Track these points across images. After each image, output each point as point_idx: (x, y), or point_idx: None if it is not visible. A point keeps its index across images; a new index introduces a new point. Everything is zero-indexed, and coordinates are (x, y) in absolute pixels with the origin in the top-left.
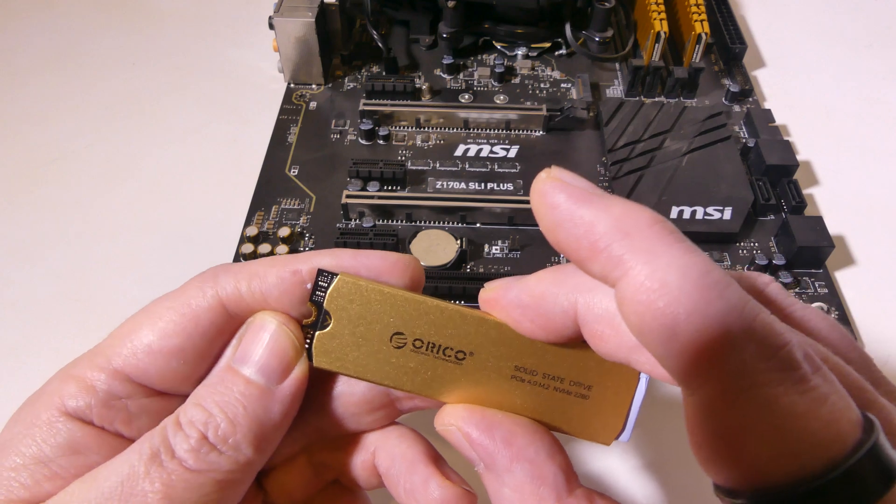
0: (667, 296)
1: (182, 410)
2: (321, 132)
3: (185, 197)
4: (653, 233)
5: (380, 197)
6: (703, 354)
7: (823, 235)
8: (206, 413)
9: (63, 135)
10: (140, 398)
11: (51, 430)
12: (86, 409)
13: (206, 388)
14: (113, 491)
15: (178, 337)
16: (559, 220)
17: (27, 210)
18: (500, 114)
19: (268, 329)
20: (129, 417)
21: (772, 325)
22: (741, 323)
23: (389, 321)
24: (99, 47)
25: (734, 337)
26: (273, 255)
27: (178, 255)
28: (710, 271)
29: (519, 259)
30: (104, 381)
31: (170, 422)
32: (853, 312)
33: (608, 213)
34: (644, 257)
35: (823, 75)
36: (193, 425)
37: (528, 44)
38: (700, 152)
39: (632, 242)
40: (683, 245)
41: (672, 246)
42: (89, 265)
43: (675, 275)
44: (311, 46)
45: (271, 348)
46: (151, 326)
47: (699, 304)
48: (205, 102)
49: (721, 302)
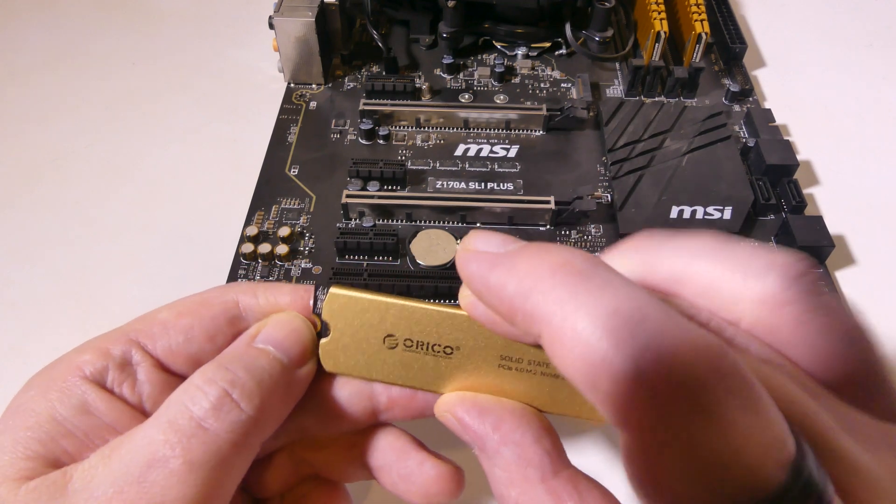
0: (579, 346)
1: (199, 373)
2: (321, 132)
3: (185, 197)
4: (557, 281)
5: (380, 197)
6: (620, 401)
7: (823, 235)
8: (230, 373)
9: (63, 135)
10: (148, 367)
11: (66, 392)
12: (102, 371)
13: (228, 357)
14: (133, 459)
15: (189, 317)
16: (477, 291)
17: (27, 210)
18: (500, 114)
19: (293, 322)
20: (135, 384)
21: (691, 363)
22: (655, 366)
23: (380, 325)
24: (99, 47)
25: (648, 381)
26: (273, 254)
27: (178, 255)
28: (618, 310)
29: None
30: (119, 348)
31: (182, 387)
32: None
33: (513, 274)
34: (551, 309)
35: (823, 75)
36: (215, 382)
37: (528, 43)
38: (700, 152)
39: (539, 298)
40: (589, 284)
41: (577, 290)
42: (89, 265)
43: (583, 322)
44: (311, 46)
45: (295, 337)
46: (170, 308)
47: (608, 350)
48: (205, 102)
49: (631, 343)
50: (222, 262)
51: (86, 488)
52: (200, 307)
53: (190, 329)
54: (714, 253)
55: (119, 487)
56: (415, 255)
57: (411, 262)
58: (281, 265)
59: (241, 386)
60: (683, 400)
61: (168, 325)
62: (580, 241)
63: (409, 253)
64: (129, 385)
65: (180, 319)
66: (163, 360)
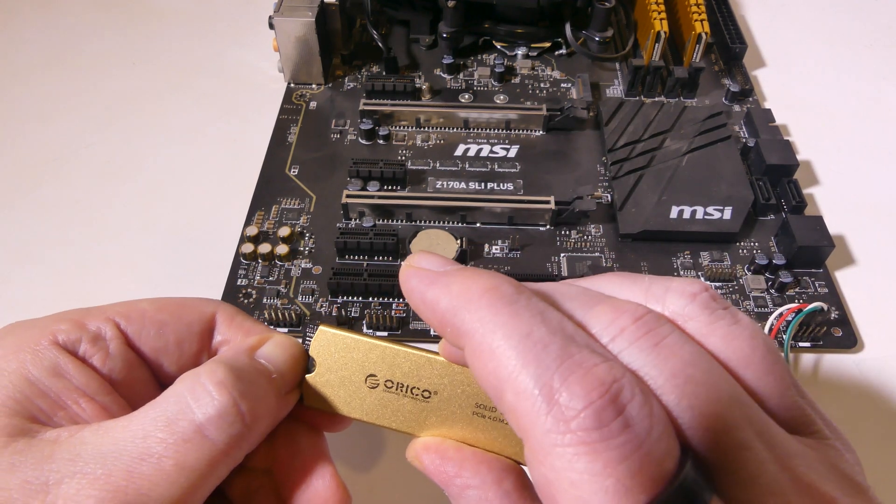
0: (492, 361)
1: (208, 372)
2: (321, 132)
3: (185, 196)
4: (483, 303)
5: (380, 197)
6: (519, 414)
7: (823, 235)
8: (242, 384)
9: (63, 135)
10: (119, 344)
11: (38, 355)
12: (75, 341)
13: (237, 363)
14: (125, 447)
15: (167, 314)
16: (415, 304)
17: (27, 210)
18: (500, 114)
19: (294, 348)
20: (106, 357)
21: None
22: (547, 390)
23: (363, 365)
24: (99, 47)
25: (537, 401)
26: (273, 254)
27: (178, 255)
28: (528, 335)
29: (519, 259)
30: (95, 323)
31: (187, 382)
32: (853, 312)
33: (447, 292)
34: (475, 326)
35: (823, 75)
36: (226, 389)
37: (528, 43)
38: (700, 152)
39: (466, 315)
40: (510, 308)
41: (499, 312)
42: (89, 265)
43: (499, 341)
44: (311, 46)
45: (293, 363)
46: (152, 301)
47: (513, 368)
48: (205, 102)
49: (534, 365)
50: (222, 262)
51: (73, 460)
52: (180, 308)
53: (164, 325)
54: (620, 284)
55: (108, 470)
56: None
57: None
58: (281, 265)
59: (250, 400)
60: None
61: (146, 315)
62: (580, 241)
63: (409, 253)
64: (100, 358)
65: (158, 314)
66: (132, 342)
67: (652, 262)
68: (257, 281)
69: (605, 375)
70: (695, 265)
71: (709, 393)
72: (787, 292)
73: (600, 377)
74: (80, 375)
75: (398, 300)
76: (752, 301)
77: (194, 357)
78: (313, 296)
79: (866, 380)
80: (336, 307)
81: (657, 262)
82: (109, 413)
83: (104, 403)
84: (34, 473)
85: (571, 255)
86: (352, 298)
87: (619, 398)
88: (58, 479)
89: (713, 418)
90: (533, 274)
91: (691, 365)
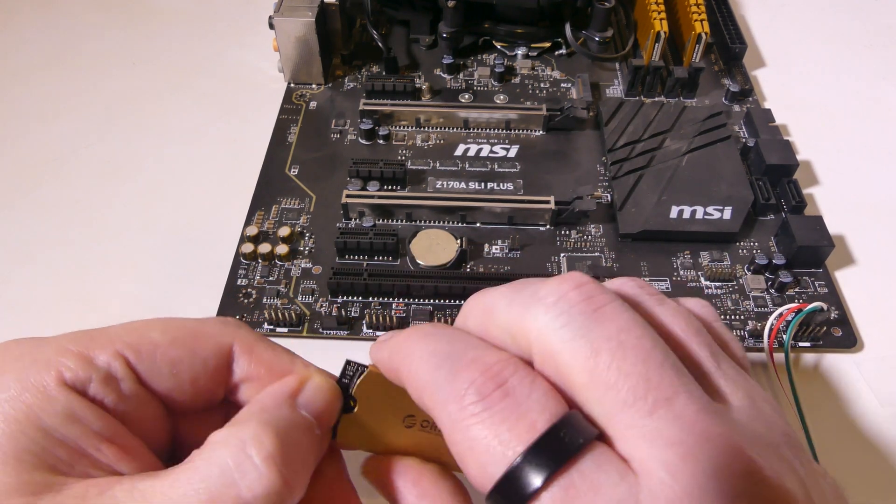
0: (413, 381)
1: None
2: (321, 132)
3: (185, 196)
4: (407, 343)
5: (380, 197)
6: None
7: (823, 235)
8: (296, 463)
9: (63, 135)
10: (131, 384)
11: (47, 399)
12: (84, 380)
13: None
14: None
15: (181, 349)
16: (375, 363)
17: (27, 210)
18: (500, 114)
19: (332, 393)
20: (118, 399)
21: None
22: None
23: (403, 406)
24: (99, 47)
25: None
26: (273, 254)
27: (178, 255)
28: (435, 351)
29: (519, 259)
30: (105, 360)
31: (231, 446)
32: (853, 312)
33: (385, 347)
34: (401, 363)
35: (823, 75)
36: (275, 464)
37: (528, 43)
38: (700, 152)
39: (396, 356)
40: (425, 339)
41: (416, 344)
42: (89, 265)
43: (415, 362)
44: (311, 46)
45: (332, 411)
46: (164, 330)
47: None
48: (205, 102)
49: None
50: (222, 262)
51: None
52: (195, 340)
53: (177, 363)
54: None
55: None
56: (415, 255)
57: (411, 262)
58: (281, 265)
59: (296, 466)
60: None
61: (157, 349)
62: (580, 240)
63: (409, 253)
64: (113, 400)
65: (171, 349)
66: (143, 381)
67: (652, 262)
68: (257, 281)
69: (488, 360)
70: (694, 265)
71: (635, 356)
72: (786, 292)
73: (485, 362)
74: (96, 420)
75: (398, 300)
76: (751, 301)
77: (210, 393)
78: (313, 296)
79: (866, 380)
80: (336, 307)
81: (657, 262)
82: (129, 454)
83: (125, 445)
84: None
85: (571, 254)
86: (352, 298)
87: (500, 374)
88: None
89: (636, 378)
90: (533, 274)
91: (624, 331)
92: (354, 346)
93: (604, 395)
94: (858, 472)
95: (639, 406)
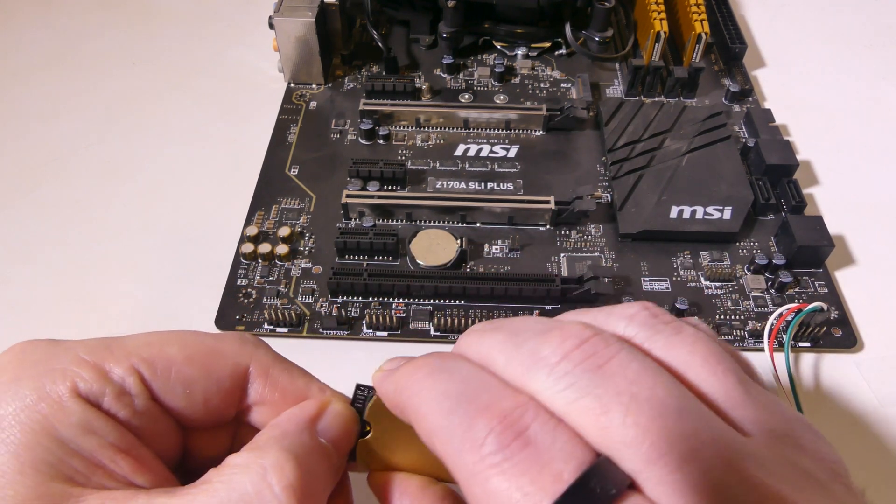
0: (423, 423)
1: (277, 471)
2: (321, 132)
3: (185, 197)
4: (413, 380)
5: (380, 197)
6: (448, 460)
7: (823, 235)
8: (307, 478)
9: (63, 135)
10: (144, 400)
11: (62, 409)
12: (98, 393)
13: (305, 454)
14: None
15: (196, 367)
16: (380, 396)
17: (27, 210)
18: (500, 114)
19: (351, 420)
20: (132, 414)
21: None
22: (462, 430)
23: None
24: (99, 47)
25: (455, 441)
26: (273, 254)
27: (178, 255)
28: (446, 392)
29: (519, 259)
30: (120, 374)
31: (253, 472)
32: (853, 312)
33: (392, 381)
34: (409, 402)
35: (823, 75)
36: (294, 493)
37: (528, 43)
38: (700, 152)
39: (403, 395)
40: (433, 377)
41: (423, 384)
42: (89, 265)
43: (424, 406)
44: (311, 46)
45: (350, 439)
46: (182, 346)
47: (437, 422)
48: (205, 102)
49: (449, 417)
50: (222, 262)
51: None
52: (211, 359)
53: (192, 383)
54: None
55: None
56: (415, 255)
57: (411, 262)
58: (281, 265)
59: (315, 496)
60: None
61: (172, 366)
62: (580, 240)
63: (409, 253)
64: (126, 414)
65: (186, 367)
66: (157, 397)
67: (652, 262)
68: (257, 281)
69: (506, 406)
70: (694, 265)
71: (651, 408)
72: (786, 292)
73: (502, 408)
74: (111, 432)
75: (398, 300)
76: (751, 301)
77: (221, 413)
78: (313, 296)
79: (866, 380)
80: (336, 307)
81: (657, 263)
82: (144, 466)
83: (139, 457)
84: None
85: (571, 254)
86: (352, 298)
87: (519, 422)
88: None
89: (657, 432)
90: (532, 274)
91: (635, 383)
92: (354, 347)
93: (625, 453)
94: (858, 472)
95: (665, 461)
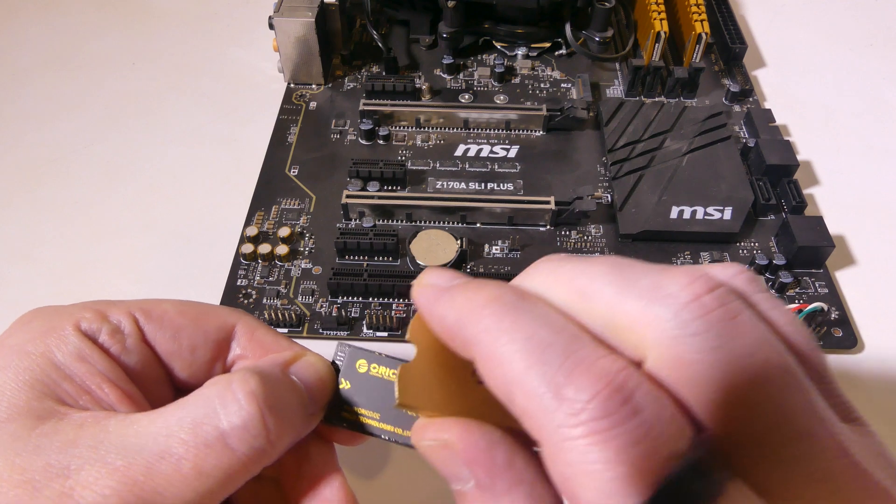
0: (500, 366)
1: (240, 380)
2: (321, 132)
3: (185, 197)
4: (486, 312)
5: (380, 197)
6: (531, 416)
7: (823, 235)
8: (273, 398)
9: (63, 135)
10: (136, 339)
11: (62, 339)
12: (96, 330)
13: (269, 376)
14: (147, 443)
15: (186, 319)
16: (427, 319)
17: (27, 210)
18: (500, 114)
19: (326, 371)
20: (122, 349)
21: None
22: (554, 388)
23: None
24: (99, 47)
25: (545, 399)
26: (273, 254)
27: (178, 255)
28: (531, 337)
29: (519, 259)
30: (117, 317)
31: (217, 386)
32: (853, 312)
33: (452, 306)
34: (480, 336)
35: (824, 75)
36: (255, 399)
37: (528, 44)
38: (700, 152)
39: (471, 327)
40: (513, 315)
41: (502, 320)
42: (89, 265)
43: (504, 347)
44: (311, 46)
45: (322, 387)
46: (175, 303)
47: (520, 371)
48: (205, 102)
49: (539, 365)
50: (222, 262)
51: (95, 447)
52: (201, 315)
53: (180, 330)
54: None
55: (127, 462)
56: (415, 256)
57: (411, 263)
58: (281, 265)
59: (277, 416)
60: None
61: (165, 317)
62: (580, 241)
63: (409, 253)
64: (118, 349)
65: (178, 317)
66: (147, 341)
67: (652, 262)
68: (257, 281)
69: (609, 366)
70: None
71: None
72: (787, 292)
73: (605, 368)
74: (101, 362)
75: (398, 301)
76: None
77: (206, 365)
78: (313, 296)
79: (866, 380)
80: (336, 307)
81: (657, 263)
82: (132, 400)
83: (126, 390)
84: (57, 457)
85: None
86: (352, 299)
87: (625, 386)
88: (79, 465)
89: (776, 401)
90: None
91: (763, 348)
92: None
93: (741, 427)
94: None
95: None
